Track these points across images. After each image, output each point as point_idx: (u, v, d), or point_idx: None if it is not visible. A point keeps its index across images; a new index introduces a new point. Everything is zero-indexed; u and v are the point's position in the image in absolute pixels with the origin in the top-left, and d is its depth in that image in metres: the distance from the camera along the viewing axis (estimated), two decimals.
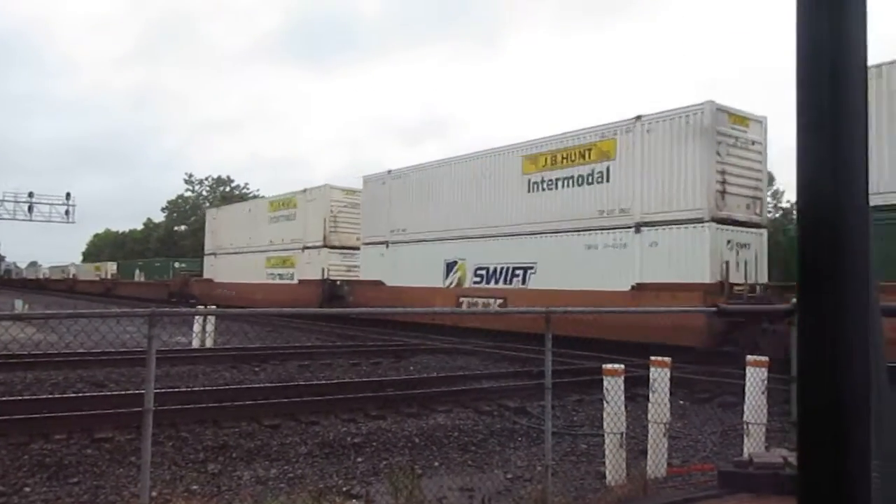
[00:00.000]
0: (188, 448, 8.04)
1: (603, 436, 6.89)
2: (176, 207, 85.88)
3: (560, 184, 19.27)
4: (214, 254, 40.60)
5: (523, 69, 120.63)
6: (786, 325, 12.45)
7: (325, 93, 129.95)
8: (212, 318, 18.99)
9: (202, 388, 11.23)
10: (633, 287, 16.87)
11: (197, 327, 19.02)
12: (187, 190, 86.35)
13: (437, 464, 7.84)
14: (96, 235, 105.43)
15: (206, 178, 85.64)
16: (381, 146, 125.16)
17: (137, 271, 58.80)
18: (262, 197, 36.35)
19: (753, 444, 7.18)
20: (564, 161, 19.20)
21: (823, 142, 0.90)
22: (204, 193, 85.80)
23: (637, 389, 10.26)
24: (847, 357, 0.89)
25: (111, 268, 66.14)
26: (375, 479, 7.03)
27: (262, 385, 11.90)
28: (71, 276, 74.33)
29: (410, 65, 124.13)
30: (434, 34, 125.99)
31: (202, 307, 22.62)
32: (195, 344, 18.52)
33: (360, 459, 7.93)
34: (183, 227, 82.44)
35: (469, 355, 18.16)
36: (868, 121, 0.90)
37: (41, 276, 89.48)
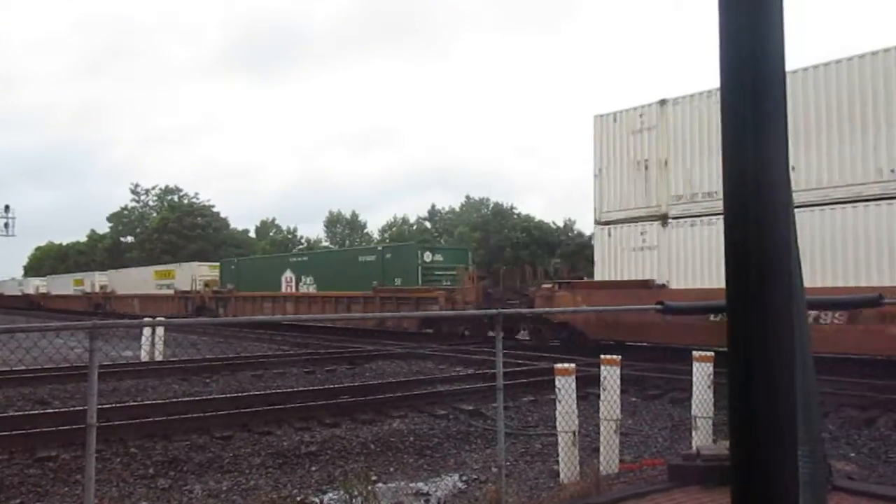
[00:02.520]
0: (137, 464, 7.82)
1: (556, 435, 6.97)
2: (122, 219, 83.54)
3: None
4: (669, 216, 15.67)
5: (472, 77, 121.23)
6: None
7: (274, 103, 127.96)
8: (160, 331, 18.54)
9: (151, 402, 10.95)
10: None
11: (145, 340, 18.54)
12: (133, 200, 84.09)
13: (392, 469, 7.81)
14: (38, 248, 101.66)
15: (154, 188, 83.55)
16: (331, 155, 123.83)
17: (289, 273, 30.89)
18: None
19: (701, 438, 7.35)
20: None
21: (747, 142, 0.93)
22: (151, 203, 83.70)
23: (590, 388, 10.41)
24: (773, 349, 0.92)
25: (201, 273, 38.54)
26: (330, 488, 6.96)
27: (212, 397, 11.67)
28: (98, 290, 48.87)
29: (358, 76, 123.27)
30: (381, 47, 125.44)
31: (148, 318, 21.83)
32: (143, 357, 18.05)
33: (314, 468, 7.84)
34: (130, 239, 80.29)
35: (424, 360, 18.15)
36: (787, 122, 0.93)
37: (33, 292, 61.10)
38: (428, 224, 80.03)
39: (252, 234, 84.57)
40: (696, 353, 7.87)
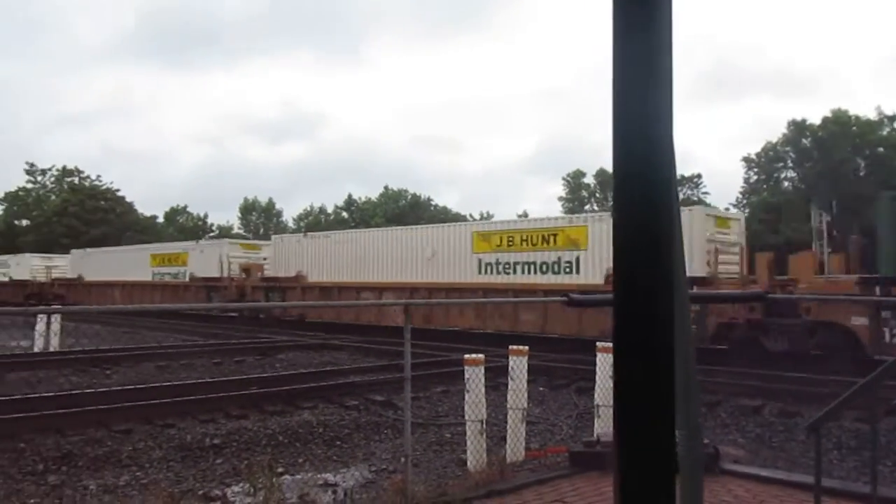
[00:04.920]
0: (26, 459, 7.40)
1: (465, 424, 7.06)
2: (16, 200, 78.37)
3: None
4: None
5: (386, 70, 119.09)
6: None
7: (186, 90, 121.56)
8: (57, 318, 17.57)
9: (43, 395, 10.37)
10: None
11: (40, 328, 17.49)
12: (29, 181, 79.02)
13: (301, 460, 7.72)
14: None
15: (51, 168, 78.76)
16: (244, 144, 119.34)
17: None
18: None
19: (603, 426, 7.62)
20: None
21: (635, 141, 0.96)
22: (49, 185, 78.92)
23: (501, 378, 10.59)
24: (655, 339, 0.95)
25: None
26: (235, 481, 6.80)
27: (112, 388, 11.17)
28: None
29: (273, 67, 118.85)
30: (297, 40, 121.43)
31: (41, 305, 20.63)
32: (38, 347, 17.03)
33: (219, 461, 7.65)
34: (25, 222, 75.47)
35: (338, 350, 17.99)
36: (673, 113, 0.96)
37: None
38: (345, 214, 79.24)
39: (161, 220, 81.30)
40: (599, 345, 8.14)
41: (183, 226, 79.87)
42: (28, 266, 42.01)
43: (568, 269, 18.30)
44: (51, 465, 7.26)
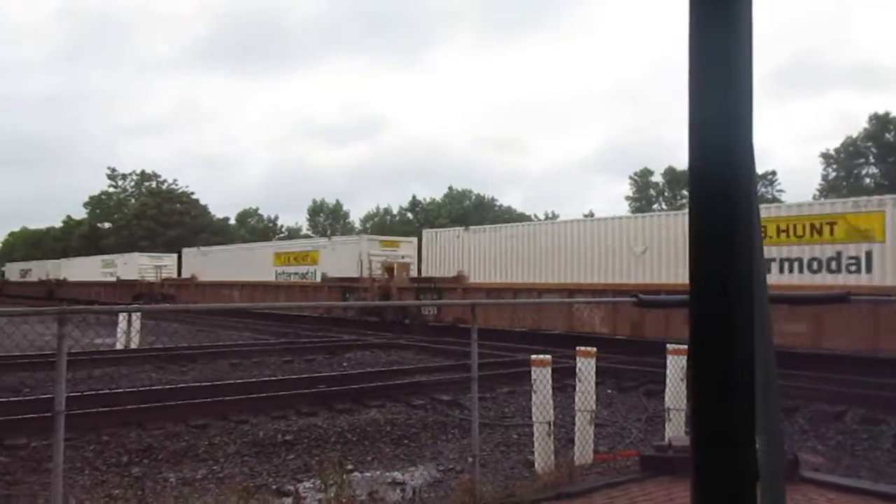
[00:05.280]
0: (110, 452, 7.76)
1: (532, 425, 7.02)
2: (99, 204, 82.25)
3: None
4: None
5: (449, 79, 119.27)
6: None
7: (254, 95, 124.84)
8: (137, 317, 18.35)
9: (125, 390, 10.85)
10: None
11: (123, 326, 18.32)
12: (111, 185, 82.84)
13: (369, 458, 7.83)
14: (11, 234, 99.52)
15: (131, 173, 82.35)
16: (312, 147, 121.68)
17: None
18: None
19: (674, 429, 7.44)
20: None
21: (713, 140, 0.94)
22: (129, 189, 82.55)
23: (568, 380, 10.48)
24: (734, 341, 0.93)
25: None
26: (306, 476, 6.96)
27: (189, 385, 11.60)
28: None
29: (339, 71, 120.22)
30: (361, 44, 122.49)
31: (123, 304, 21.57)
32: (120, 345, 17.84)
33: (290, 457, 7.83)
34: (107, 225, 79.10)
35: (403, 350, 18.17)
36: (753, 111, 0.94)
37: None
38: (410, 215, 79.95)
39: (232, 222, 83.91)
40: (669, 347, 7.95)
41: (254, 227, 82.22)
42: (136, 265, 40.68)
43: (853, 268, 14.39)
44: (133, 458, 7.59)
